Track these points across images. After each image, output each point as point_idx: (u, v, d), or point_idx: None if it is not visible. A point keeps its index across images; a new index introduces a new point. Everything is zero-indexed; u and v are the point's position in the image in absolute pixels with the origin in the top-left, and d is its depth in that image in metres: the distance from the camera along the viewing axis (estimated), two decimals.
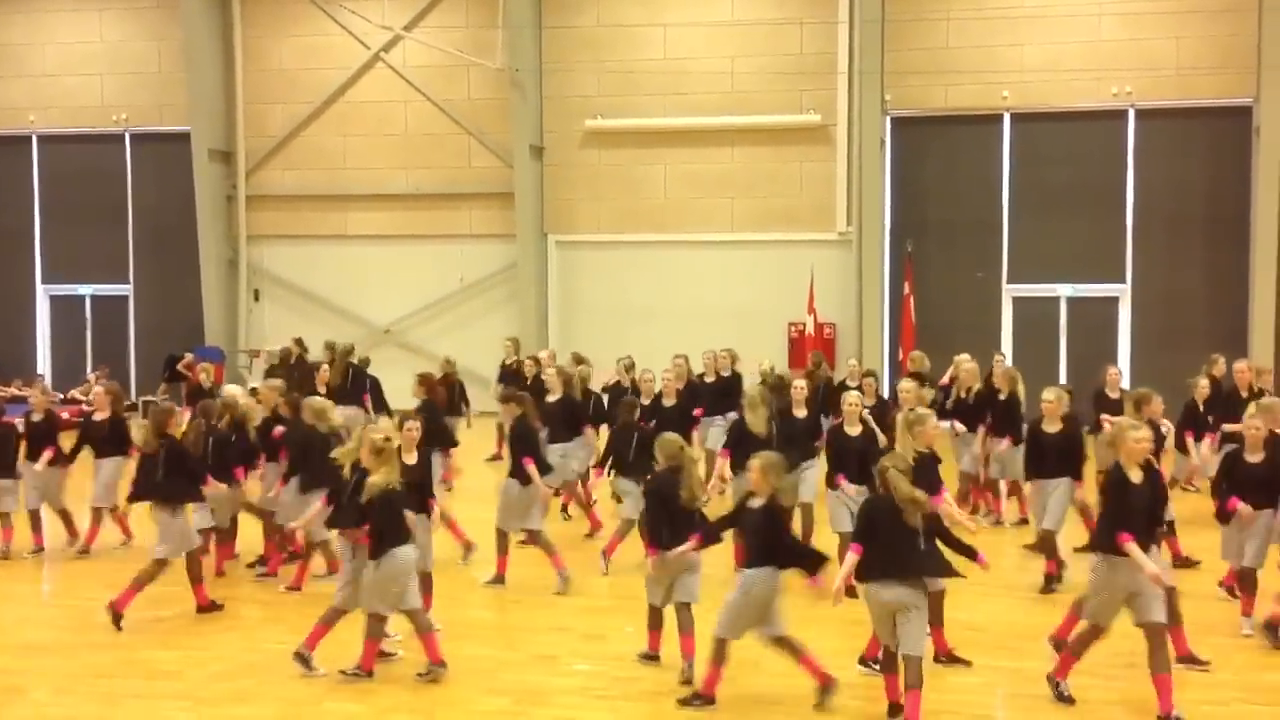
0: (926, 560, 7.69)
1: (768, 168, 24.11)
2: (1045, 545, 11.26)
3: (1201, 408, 13.43)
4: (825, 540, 12.45)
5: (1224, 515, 9.68)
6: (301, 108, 25.89)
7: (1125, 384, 14.77)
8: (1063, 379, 22.48)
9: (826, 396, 14.45)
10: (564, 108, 24.85)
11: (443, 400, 15.00)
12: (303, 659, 8.80)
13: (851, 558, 7.73)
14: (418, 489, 9.54)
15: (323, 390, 15.37)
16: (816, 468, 12.03)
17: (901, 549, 7.56)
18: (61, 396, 23.49)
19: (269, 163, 26.30)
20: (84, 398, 21.63)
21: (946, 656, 8.93)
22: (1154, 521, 8.08)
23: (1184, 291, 22.64)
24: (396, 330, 25.48)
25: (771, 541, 8.04)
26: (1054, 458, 11.08)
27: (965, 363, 14.47)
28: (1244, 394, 13.07)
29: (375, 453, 8.63)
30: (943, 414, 12.80)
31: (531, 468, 11.13)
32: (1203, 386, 13.66)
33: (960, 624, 9.35)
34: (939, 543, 7.82)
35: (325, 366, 17.07)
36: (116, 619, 9.96)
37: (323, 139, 25.96)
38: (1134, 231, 22.87)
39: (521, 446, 11.33)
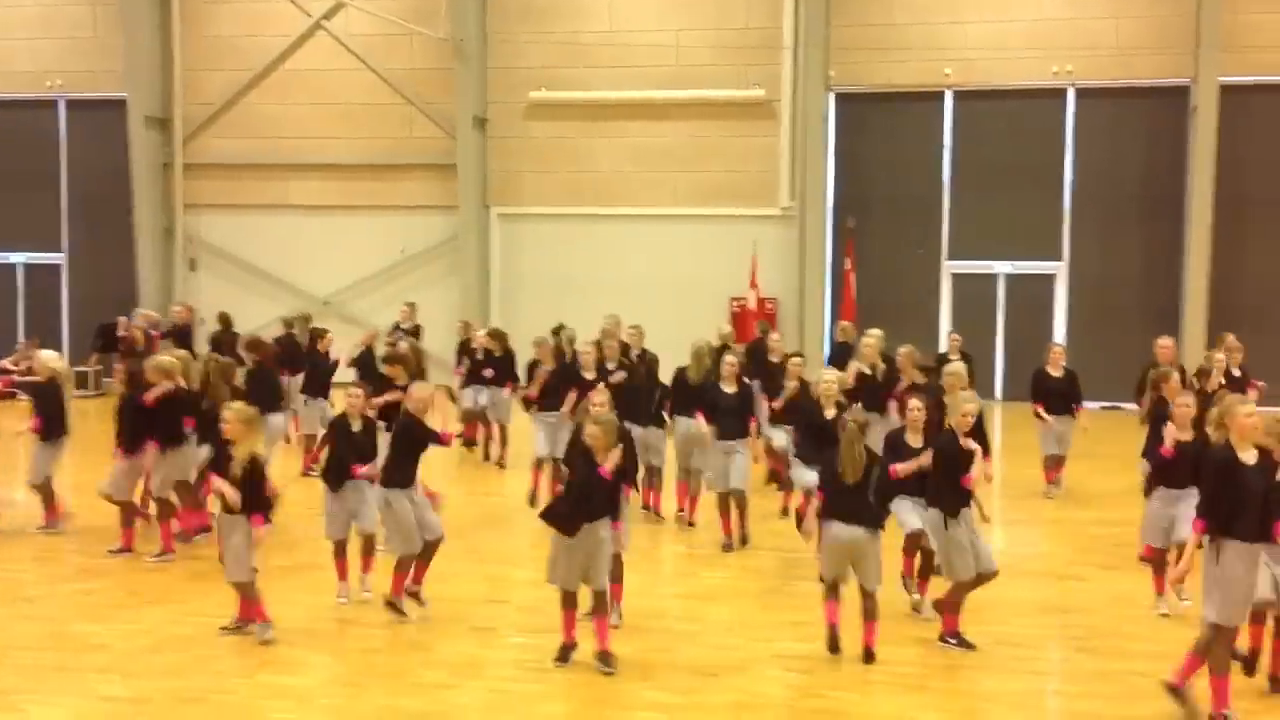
0: (872, 510, 8.57)
1: (711, 142, 24.10)
2: None
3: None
4: (761, 532, 12.56)
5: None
6: (241, 75, 25.53)
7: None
8: (999, 355, 22.80)
9: (761, 369, 14.38)
10: (508, 79, 24.68)
11: (272, 362, 14.81)
12: (393, 606, 9.35)
13: (814, 503, 8.72)
14: (360, 457, 9.85)
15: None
16: (747, 454, 11.86)
17: (853, 498, 8.51)
18: None
19: (207, 130, 25.93)
20: (14, 367, 21.22)
21: (953, 637, 8.87)
22: (1271, 508, 7.42)
23: (1119, 270, 22.93)
24: (336, 302, 25.24)
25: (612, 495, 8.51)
26: None
27: (867, 338, 14.46)
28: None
29: (245, 423, 8.80)
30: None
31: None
32: (1219, 360, 13.38)
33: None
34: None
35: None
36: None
37: (262, 107, 25.62)
38: (1071, 210, 23.11)
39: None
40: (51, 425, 11.95)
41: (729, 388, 11.91)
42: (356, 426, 9.95)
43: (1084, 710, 7.86)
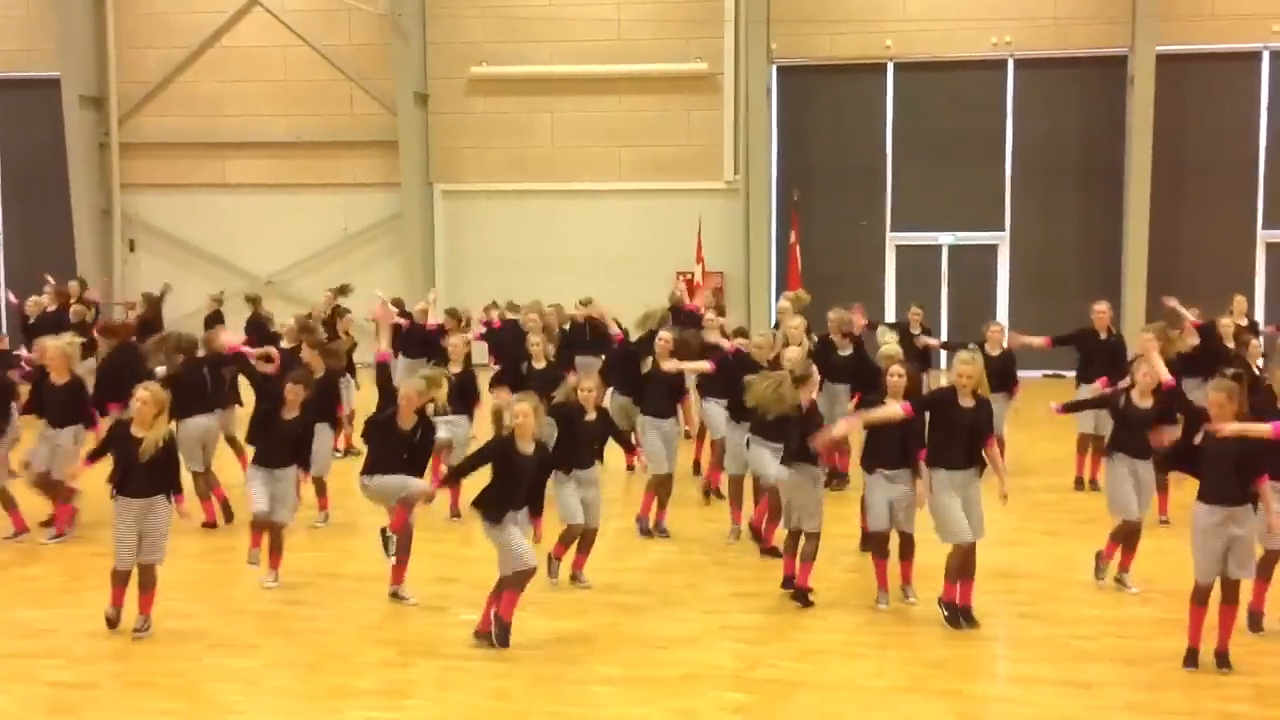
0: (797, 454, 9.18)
1: (655, 117, 24.06)
2: None
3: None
4: (681, 519, 12.61)
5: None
6: (176, 52, 25.17)
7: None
8: (944, 326, 22.93)
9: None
10: (448, 54, 24.50)
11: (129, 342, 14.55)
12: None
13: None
14: (295, 443, 9.85)
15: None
16: (676, 439, 11.65)
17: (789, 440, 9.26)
18: None
19: (143, 109, 25.56)
20: None
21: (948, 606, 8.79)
22: None
23: (1060, 239, 23.18)
24: (279, 281, 25.00)
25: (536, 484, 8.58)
26: None
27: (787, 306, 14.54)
28: (1102, 335, 13.25)
29: (158, 409, 8.55)
30: None
31: None
32: (1225, 323, 13.45)
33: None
34: None
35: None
36: None
37: (199, 85, 25.28)
38: (1013, 180, 23.30)
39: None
40: None
41: (663, 364, 11.57)
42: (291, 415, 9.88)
43: (1030, 674, 7.98)
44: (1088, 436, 13.07)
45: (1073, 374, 13.95)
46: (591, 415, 9.55)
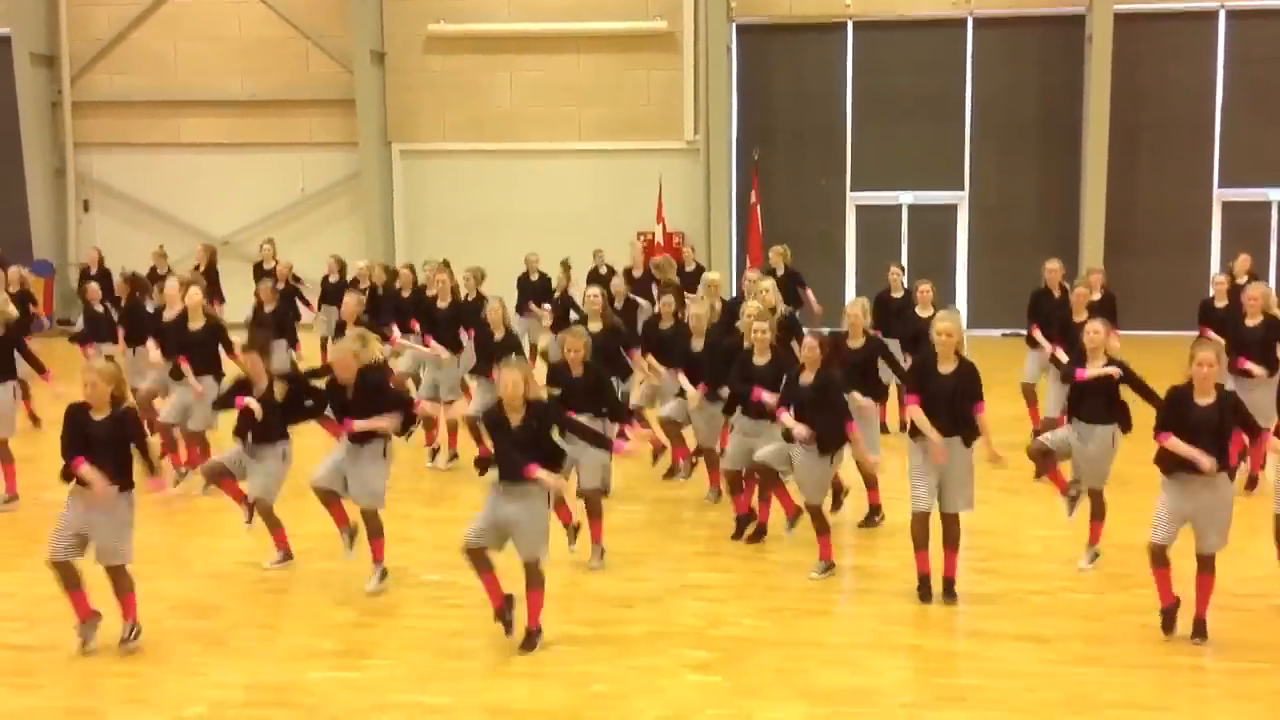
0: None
1: (614, 76, 23.94)
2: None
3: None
4: (645, 480, 12.65)
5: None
6: (128, 9, 24.78)
7: (962, 291, 15.09)
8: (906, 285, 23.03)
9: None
10: (405, 11, 24.24)
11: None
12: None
13: None
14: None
15: None
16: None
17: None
18: None
19: (95, 67, 25.17)
20: None
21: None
22: None
23: (1018, 198, 23.29)
24: (235, 242, 24.76)
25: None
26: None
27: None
28: (1055, 294, 13.05)
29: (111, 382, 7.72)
30: None
31: None
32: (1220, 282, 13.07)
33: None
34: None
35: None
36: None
37: (151, 43, 24.91)
38: (972, 139, 23.36)
39: None
40: None
41: (593, 325, 11.16)
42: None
43: (987, 629, 8.08)
44: (1030, 386, 13.21)
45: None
46: (578, 372, 9.24)
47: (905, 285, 14.50)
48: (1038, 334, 12.65)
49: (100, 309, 14.66)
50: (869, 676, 7.35)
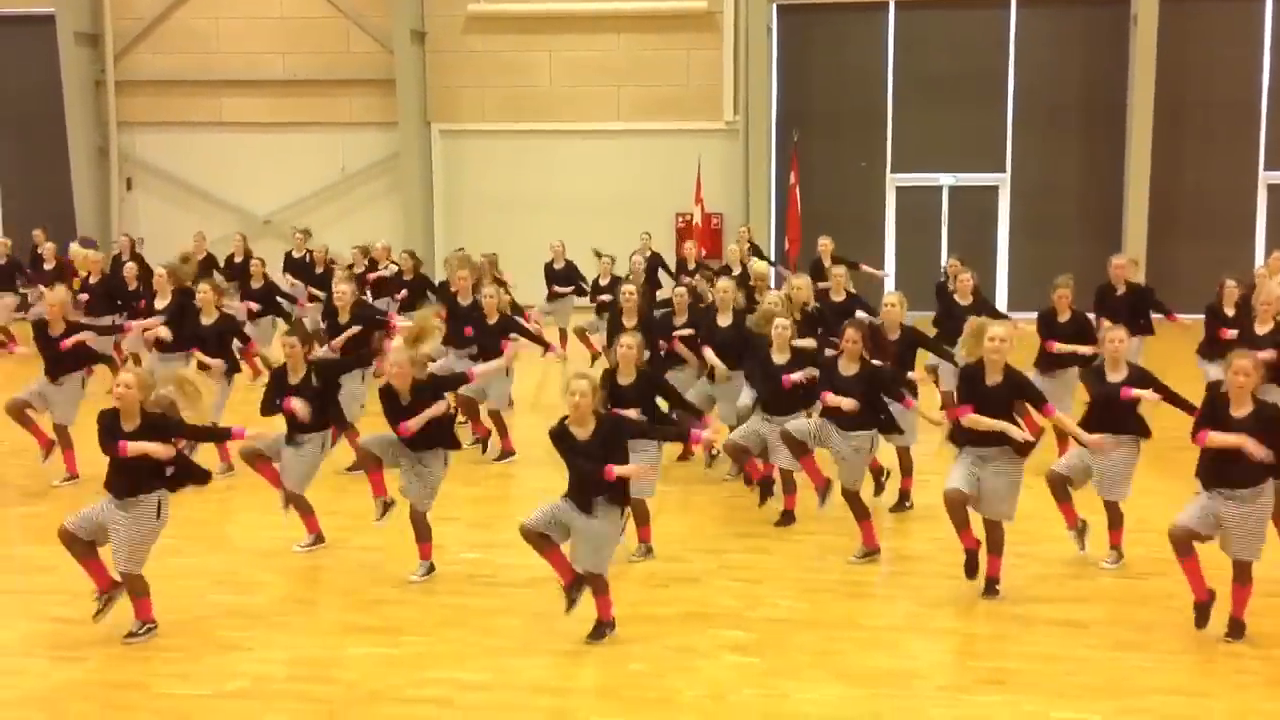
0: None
1: (654, 56, 23.87)
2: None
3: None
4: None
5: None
6: None
7: (1003, 274, 14.94)
8: (944, 267, 22.90)
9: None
10: None
11: None
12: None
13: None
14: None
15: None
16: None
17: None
18: None
19: (138, 46, 25.31)
20: None
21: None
22: None
23: (1061, 180, 23.07)
24: (277, 221, 24.91)
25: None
26: None
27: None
28: (1119, 290, 12.88)
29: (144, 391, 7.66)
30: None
31: None
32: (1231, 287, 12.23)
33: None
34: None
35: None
36: None
37: (194, 21, 25.02)
38: (1014, 121, 23.16)
39: None
40: None
41: (628, 320, 11.21)
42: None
43: (1027, 614, 8.04)
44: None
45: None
46: (628, 379, 8.90)
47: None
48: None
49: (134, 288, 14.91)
50: (906, 659, 7.34)
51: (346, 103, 24.81)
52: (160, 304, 11.97)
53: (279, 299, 15.99)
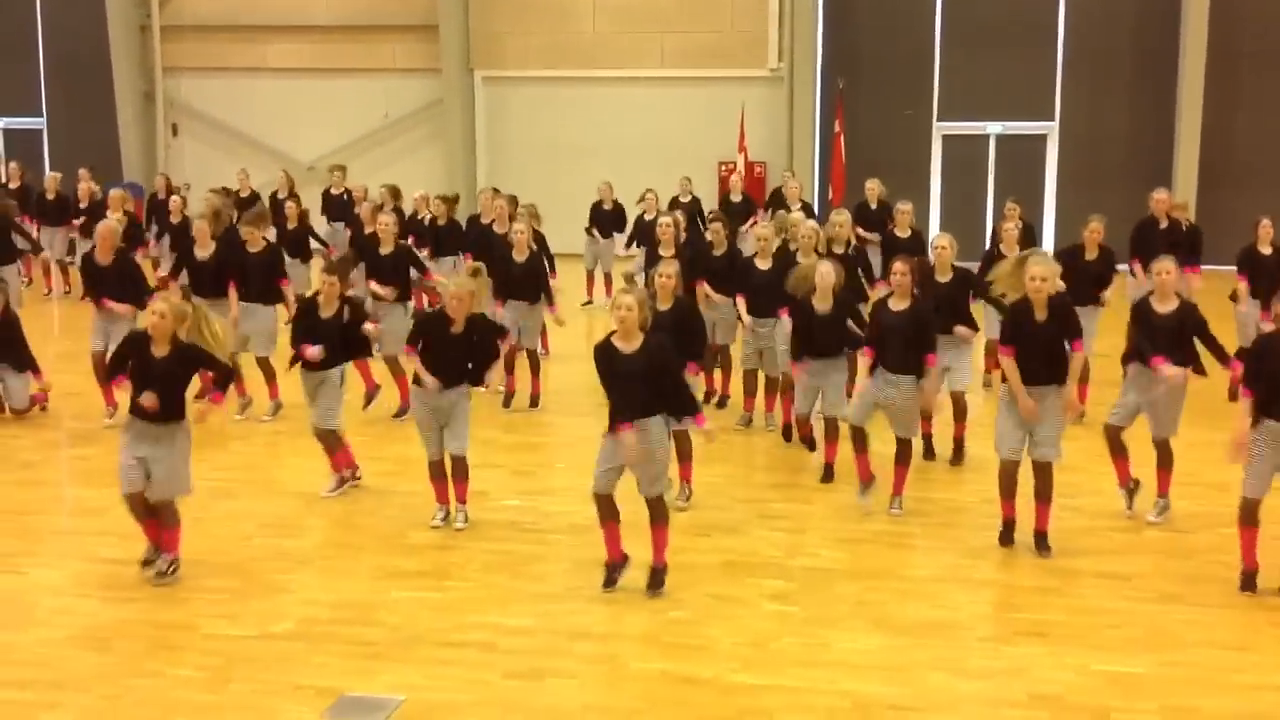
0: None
1: (698, 2, 23.65)
2: None
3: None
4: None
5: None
6: None
7: (1049, 223, 14.80)
8: (989, 217, 22.69)
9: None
10: None
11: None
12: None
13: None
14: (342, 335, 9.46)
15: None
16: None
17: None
18: None
19: None
20: None
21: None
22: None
23: (1110, 128, 22.75)
24: (320, 167, 24.96)
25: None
26: None
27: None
28: (1162, 224, 12.95)
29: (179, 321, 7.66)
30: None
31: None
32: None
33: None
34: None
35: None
36: None
37: None
38: (1064, 68, 22.83)
39: None
40: None
41: (664, 252, 11.46)
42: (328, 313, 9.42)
43: (1070, 566, 8.02)
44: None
45: (1122, 267, 13.59)
46: (666, 305, 8.76)
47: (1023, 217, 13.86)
48: (1137, 268, 12.30)
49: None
50: (947, 610, 7.35)
51: (390, 49, 24.77)
52: (201, 254, 11.93)
53: (312, 242, 16.05)
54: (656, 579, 7.56)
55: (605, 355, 7.38)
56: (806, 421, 10.06)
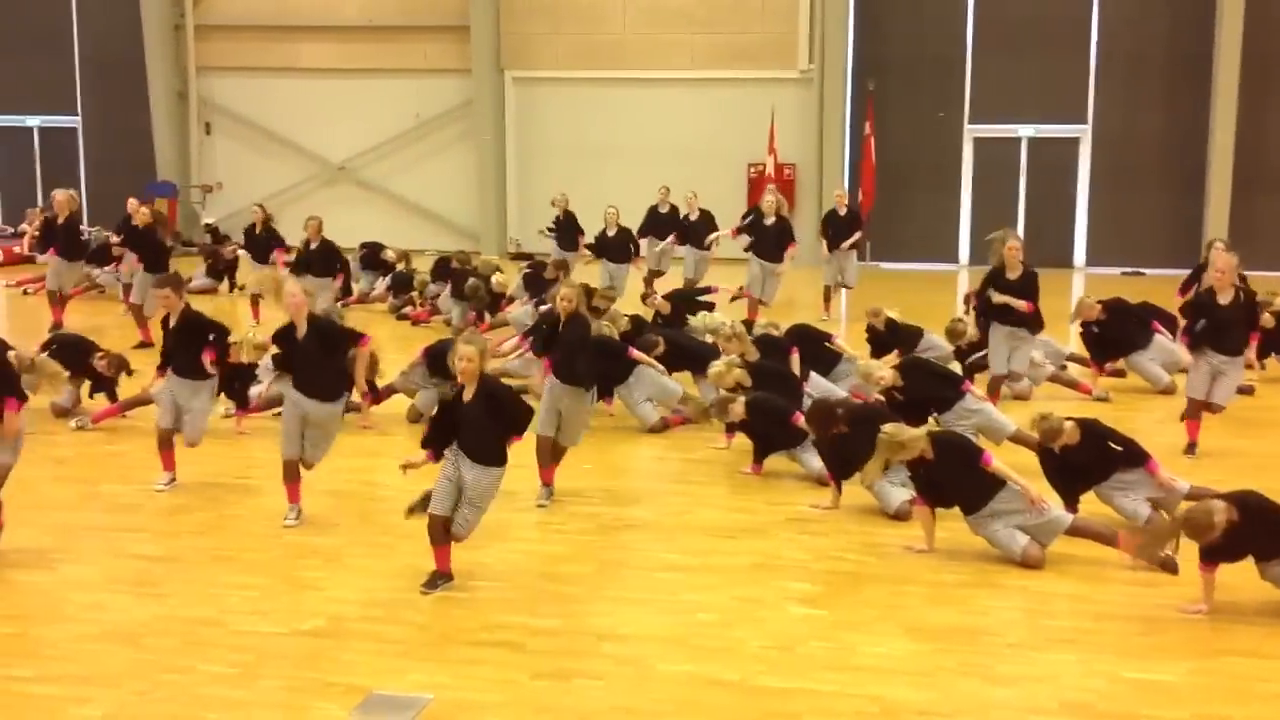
0: None
1: (729, 2, 23.67)
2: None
3: None
4: None
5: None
6: None
7: (1081, 227, 14.73)
8: (1021, 221, 22.61)
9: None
10: None
11: None
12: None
13: None
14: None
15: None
16: None
17: None
18: (11, 230, 23.21)
19: None
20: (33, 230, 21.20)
21: None
22: None
23: (1143, 131, 22.64)
24: (351, 167, 25.09)
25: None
26: None
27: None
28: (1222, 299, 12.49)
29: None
30: None
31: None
32: None
33: None
34: None
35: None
36: None
37: None
38: (1096, 70, 22.72)
39: None
40: None
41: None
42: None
43: (1101, 573, 7.97)
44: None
45: (1153, 271, 13.63)
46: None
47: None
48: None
49: None
50: (976, 615, 7.32)
51: (421, 49, 24.88)
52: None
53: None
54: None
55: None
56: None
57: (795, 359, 11.22)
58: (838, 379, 11.52)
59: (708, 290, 15.18)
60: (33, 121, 26.64)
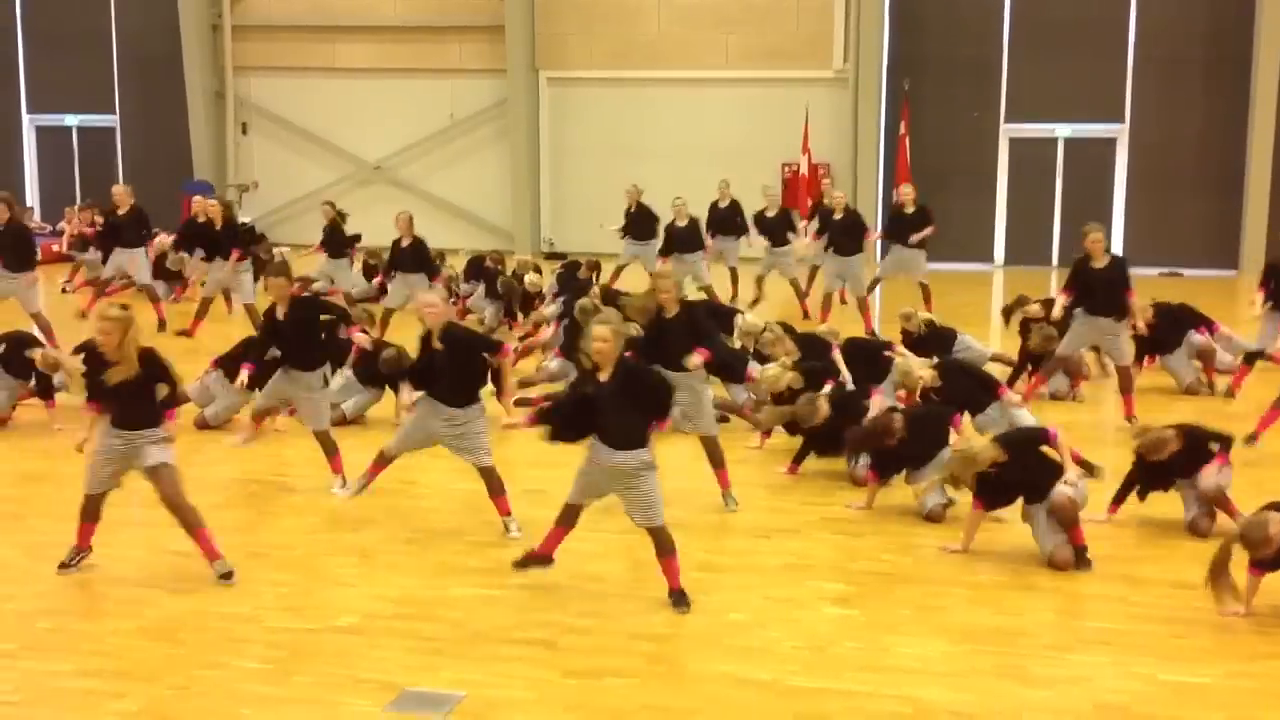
0: None
1: (763, 2, 23.61)
2: None
3: None
4: None
5: None
6: None
7: (1119, 228, 14.62)
8: (1057, 221, 22.46)
9: None
10: None
11: None
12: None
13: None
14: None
15: None
16: None
17: None
18: (50, 228, 23.43)
19: None
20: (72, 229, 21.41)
21: None
22: None
23: (1181, 132, 22.45)
24: (386, 167, 25.19)
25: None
26: None
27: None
28: None
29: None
30: None
31: None
32: None
33: None
34: None
35: None
36: None
37: None
38: (1134, 70, 22.55)
39: None
40: None
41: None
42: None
43: (1137, 574, 7.92)
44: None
45: (1191, 272, 13.47)
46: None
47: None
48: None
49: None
50: (1011, 616, 7.27)
51: (456, 49, 24.97)
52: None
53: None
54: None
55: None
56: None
57: (836, 354, 11.16)
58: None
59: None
60: (71, 121, 26.88)
